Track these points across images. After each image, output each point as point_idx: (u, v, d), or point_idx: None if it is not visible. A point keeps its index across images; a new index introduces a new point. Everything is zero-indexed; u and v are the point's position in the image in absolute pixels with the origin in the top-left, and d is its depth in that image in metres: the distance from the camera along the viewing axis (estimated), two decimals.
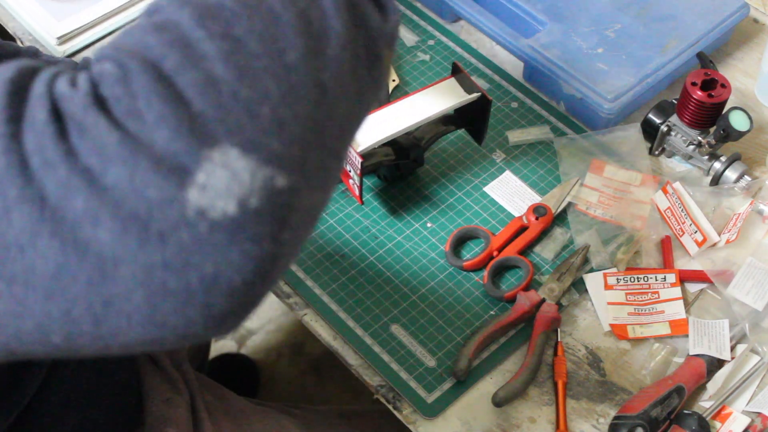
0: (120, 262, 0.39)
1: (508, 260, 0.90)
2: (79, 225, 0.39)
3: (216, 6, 0.44)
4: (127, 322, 0.41)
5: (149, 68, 0.41)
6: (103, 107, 0.40)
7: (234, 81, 0.42)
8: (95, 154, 0.39)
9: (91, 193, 0.39)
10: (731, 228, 0.91)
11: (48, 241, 0.39)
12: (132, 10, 1.13)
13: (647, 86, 0.99)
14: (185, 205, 0.39)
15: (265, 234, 0.41)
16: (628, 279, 0.88)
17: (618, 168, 0.96)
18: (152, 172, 0.39)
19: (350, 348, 0.85)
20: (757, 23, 1.13)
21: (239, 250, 0.40)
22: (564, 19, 1.04)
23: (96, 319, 0.40)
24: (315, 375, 1.65)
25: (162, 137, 0.40)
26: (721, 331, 0.84)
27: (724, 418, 0.79)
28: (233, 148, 0.40)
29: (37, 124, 0.40)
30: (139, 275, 0.39)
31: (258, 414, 0.95)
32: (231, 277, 0.41)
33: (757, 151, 1.00)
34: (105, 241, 0.39)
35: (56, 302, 0.40)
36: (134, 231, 0.39)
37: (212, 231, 0.40)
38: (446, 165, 0.99)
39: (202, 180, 0.40)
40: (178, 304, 0.40)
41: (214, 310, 0.41)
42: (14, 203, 0.39)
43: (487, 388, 0.82)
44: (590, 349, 0.85)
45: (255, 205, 0.40)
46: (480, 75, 1.07)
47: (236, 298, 0.41)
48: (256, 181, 0.41)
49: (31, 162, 0.40)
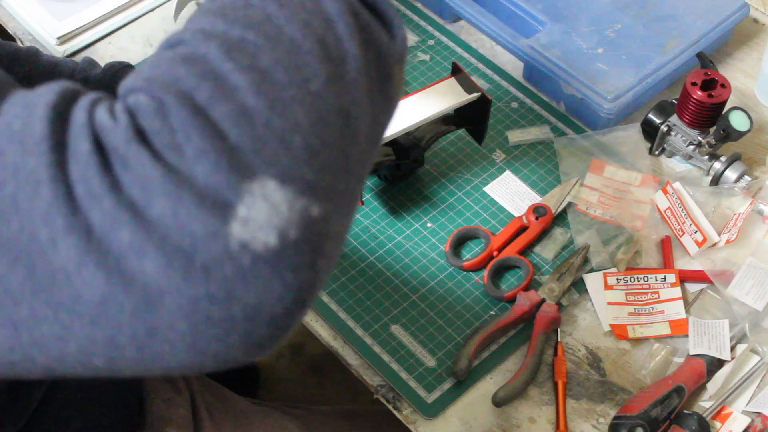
0: (165, 293, 0.40)
1: (508, 260, 0.90)
2: (125, 257, 0.39)
3: (239, 39, 0.44)
4: (170, 349, 0.41)
5: (184, 101, 0.42)
6: (144, 140, 0.41)
7: (266, 112, 0.42)
8: (139, 188, 0.40)
9: (137, 226, 0.39)
10: (731, 228, 0.91)
11: (94, 271, 0.39)
12: (132, 10, 1.13)
13: (647, 86, 0.99)
14: (228, 239, 0.40)
15: (304, 263, 0.42)
16: (628, 279, 0.88)
17: (618, 168, 0.96)
18: (195, 206, 0.40)
19: (350, 348, 0.85)
20: (757, 23, 1.13)
21: (281, 280, 0.41)
22: (564, 19, 1.04)
23: (139, 346, 0.41)
24: (315, 375, 1.65)
25: (202, 171, 0.40)
26: (721, 331, 0.84)
27: (724, 418, 0.79)
28: (271, 179, 0.41)
29: (81, 156, 0.40)
30: (183, 306, 0.40)
31: (258, 414, 0.96)
32: (272, 306, 0.41)
33: (757, 151, 1.00)
34: (150, 273, 0.39)
35: (101, 329, 0.40)
36: (179, 264, 0.40)
37: (255, 263, 0.40)
38: (446, 165, 0.99)
39: (244, 214, 0.40)
40: (220, 333, 0.41)
41: (254, 338, 0.42)
42: (61, 233, 0.39)
43: (487, 388, 0.82)
44: (590, 349, 0.85)
45: (294, 235, 0.41)
46: (480, 75, 1.07)
47: (276, 326, 0.42)
48: (294, 212, 0.41)
49: (76, 192, 0.40)
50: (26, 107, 0.42)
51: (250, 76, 0.43)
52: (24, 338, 0.41)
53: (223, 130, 0.41)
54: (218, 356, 0.42)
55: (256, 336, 0.42)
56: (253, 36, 0.45)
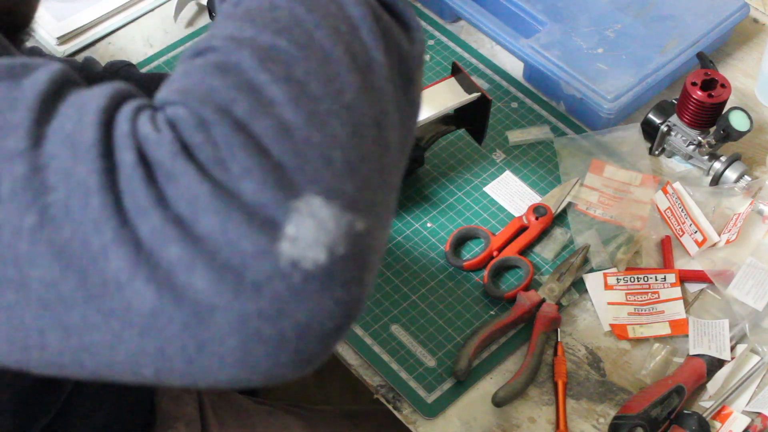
0: (215, 309, 0.39)
1: (508, 260, 0.90)
2: (175, 271, 0.39)
3: (272, 47, 0.44)
4: (219, 363, 0.41)
5: (224, 115, 0.41)
6: (190, 155, 0.40)
7: (305, 127, 0.42)
8: (186, 203, 0.40)
9: (186, 242, 0.39)
10: (731, 228, 0.91)
11: (144, 284, 0.39)
12: (132, 10, 1.13)
13: (647, 86, 0.99)
14: (278, 257, 0.40)
15: (353, 279, 0.42)
16: (628, 279, 0.88)
17: (618, 168, 0.96)
18: (245, 225, 0.39)
19: (350, 348, 0.85)
20: (757, 23, 1.13)
21: (331, 297, 0.41)
22: (564, 19, 1.04)
23: (189, 359, 0.41)
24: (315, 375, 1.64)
25: (249, 189, 0.40)
26: (721, 331, 0.84)
27: (724, 418, 0.79)
28: (316, 197, 0.41)
29: (126, 167, 0.40)
30: (234, 322, 0.40)
31: (262, 413, 0.96)
32: (323, 323, 0.41)
33: (757, 151, 1.00)
34: (200, 289, 0.39)
35: (151, 340, 0.40)
36: (229, 281, 0.39)
37: (306, 281, 0.40)
38: (446, 165, 0.99)
39: (292, 232, 0.40)
40: (271, 350, 0.41)
41: (304, 354, 0.42)
42: (111, 244, 0.39)
43: (487, 388, 0.82)
44: (590, 349, 0.85)
45: (342, 252, 0.41)
46: (480, 75, 1.07)
47: (326, 342, 0.42)
48: (340, 228, 0.41)
49: (124, 203, 0.40)
50: (79, 109, 0.42)
51: (286, 88, 0.42)
52: (74, 343, 0.41)
53: (266, 146, 0.41)
54: (267, 372, 0.42)
55: (306, 353, 0.42)
56: (285, 43, 0.44)
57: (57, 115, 0.42)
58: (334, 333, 0.42)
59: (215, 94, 0.42)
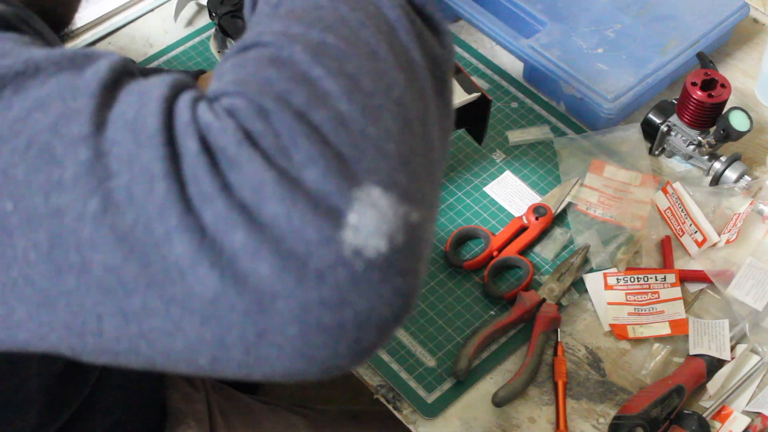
0: (277, 296, 0.40)
1: (508, 260, 0.90)
2: (238, 258, 0.39)
3: (322, 42, 0.44)
4: (277, 353, 0.41)
5: (283, 104, 0.42)
6: (254, 143, 0.41)
7: (360, 119, 0.42)
8: (251, 190, 0.40)
9: (251, 228, 0.39)
10: (731, 228, 0.91)
11: (208, 270, 0.39)
12: (132, 10, 1.13)
13: (647, 86, 0.99)
14: (342, 245, 0.40)
15: (411, 268, 0.42)
16: (628, 279, 0.88)
17: (618, 168, 0.96)
18: (310, 212, 0.40)
19: None
20: (757, 23, 1.13)
21: (391, 286, 0.41)
22: (564, 19, 1.04)
23: (247, 348, 0.41)
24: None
25: (312, 177, 0.40)
26: (721, 331, 0.84)
27: (724, 418, 0.79)
28: (376, 187, 0.41)
29: (189, 154, 0.40)
30: (295, 310, 0.40)
31: (267, 412, 0.96)
32: (383, 312, 0.41)
33: (757, 151, 1.00)
34: (264, 276, 0.39)
35: (211, 327, 0.40)
36: (293, 268, 0.39)
37: (368, 269, 0.40)
38: (446, 165, 0.99)
39: (355, 221, 0.40)
40: (330, 339, 0.41)
41: (362, 344, 0.42)
42: (175, 230, 0.39)
43: (487, 388, 0.82)
44: (590, 349, 0.85)
45: (400, 241, 0.41)
46: (480, 75, 1.07)
47: (383, 332, 0.42)
48: (398, 218, 0.41)
49: (188, 190, 0.40)
50: (140, 97, 0.42)
51: (340, 82, 0.43)
52: (132, 330, 0.41)
53: (325, 135, 0.41)
54: (324, 363, 0.42)
55: (365, 342, 0.42)
56: (333, 40, 0.44)
57: (118, 102, 0.42)
58: (391, 323, 0.42)
59: (272, 84, 0.42)
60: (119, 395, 0.79)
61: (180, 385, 0.88)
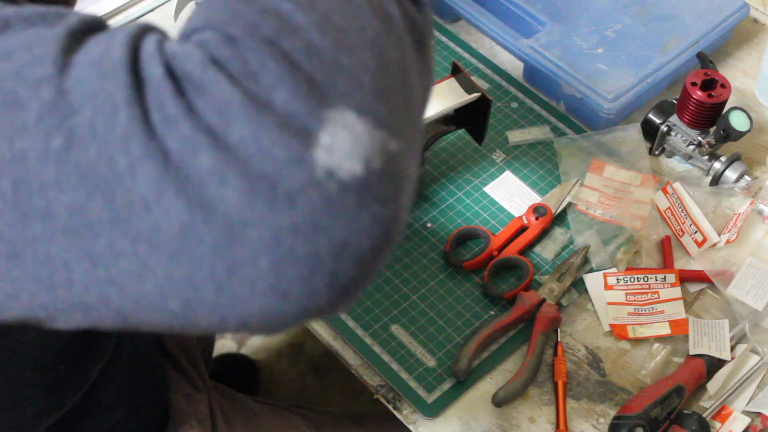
0: (247, 224, 0.38)
1: (508, 260, 0.90)
2: (205, 184, 0.38)
3: None
4: (250, 290, 0.39)
5: (252, 32, 0.41)
6: (220, 67, 0.40)
7: (333, 50, 0.42)
8: (216, 113, 0.39)
9: (217, 151, 0.38)
10: (731, 228, 0.91)
11: (174, 200, 0.38)
12: (132, 10, 1.13)
13: (647, 86, 0.99)
14: (314, 165, 0.38)
15: (390, 195, 0.41)
16: (628, 279, 0.88)
17: (618, 168, 0.96)
18: (277, 131, 0.39)
19: (350, 348, 0.85)
20: (757, 23, 1.13)
21: (368, 212, 0.40)
22: (564, 19, 1.04)
23: (218, 286, 0.39)
24: (315, 375, 1.65)
25: (281, 98, 0.39)
26: (721, 331, 0.84)
27: (724, 418, 0.79)
28: (349, 110, 0.40)
29: (154, 80, 0.39)
30: (266, 239, 0.38)
31: (268, 413, 0.96)
32: (360, 241, 0.40)
33: (757, 151, 1.00)
34: (232, 202, 0.38)
35: (180, 264, 0.39)
36: (262, 191, 0.38)
37: (342, 192, 0.39)
38: (446, 165, 0.99)
39: (327, 141, 0.39)
40: (305, 271, 0.39)
41: (340, 278, 0.40)
42: (138, 159, 0.38)
43: (487, 388, 0.82)
44: (590, 349, 0.85)
45: (378, 166, 0.40)
46: (480, 75, 1.07)
47: (362, 265, 0.40)
48: (375, 143, 0.40)
49: (152, 117, 0.39)
50: (107, 39, 0.42)
51: (311, 16, 0.42)
52: (101, 275, 0.40)
53: (296, 61, 0.40)
54: (300, 302, 0.40)
55: (342, 277, 0.40)
56: None
57: (85, 46, 0.42)
58: (370, 255, 0.40)
59: (241, 16, 0.42)
60: (121, 395, 0.79)
61: (182, 386, 0.88)
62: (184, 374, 0.89)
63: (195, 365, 0.92)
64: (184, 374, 0.89)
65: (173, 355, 0.90)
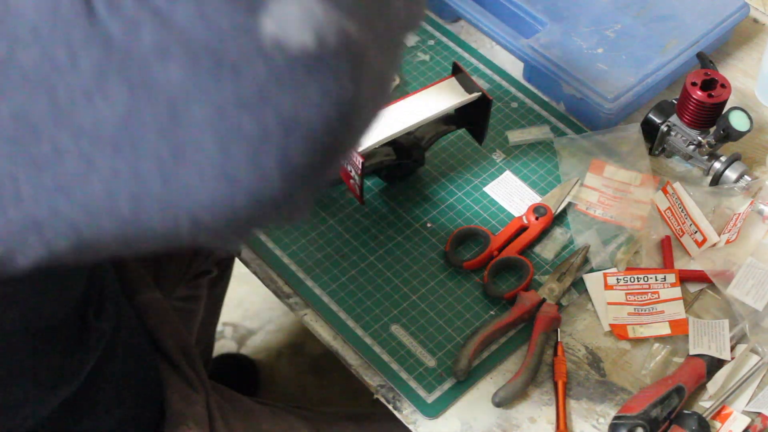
0: (191, 101, 0.37)
1: (508, 260, 0.90)
2: (148, 62, 0.37)
3: None
4: (198, 176, 0.38)
5: None
6: None
7: None
8: None
9: (159, 27, 0.37)
10: (731, 228, 0.91)
11: (116, 84, 0.37)
12: None
13: (647, 86, 0.99)
14: (260, 34, 0.37)
15: (345, 72, 0.39)
16: (628, 279, 0.88)
17: (618, 168, 0.96)
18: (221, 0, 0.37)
19: (350, 348, 0.85)
20: (757, 23, 1.13)
21: (319, 86, 0.38)
22: (564, 19, 1.04)
23: (165, 176, 0.38)
24: (315, 375, 1.65)
25: None
26: (721, 331, 0.84)
27: (724, 418, 0.79)
28: None
29: None
30: (211, 115, 0.37)
31: (267, 414, 0.96)
32: (310, 116, 0.38)
33: (757, 151, 1.00)
34: (175, 78, 0.37)
35: (124, 156, 0.38)
36: (206, 64, 0.37)
37: (291, 65, 0.37)
38: (446, 165, 0.99)
39: (275, 9, 0.38)
40: (253, 150, 0.38)
41: (291, 159, 0.39)
42: (80, 46, 0.37)
43: (487, 388, 0.82)
44: (590, 349, 0.85)
45: (333, 43, 0.38)
46: (480, 75, 1.07)
47: (315, 146, 0.39)
48: (330, 19, 0.38)
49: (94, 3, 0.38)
50: None
51: None
52: (48, 182, 0.39)
53: None
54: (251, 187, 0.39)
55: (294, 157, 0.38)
56: None
57: None
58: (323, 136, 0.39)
59: None
60: (117, 394, 0.79)
61: (179, 387, 0.88)
62: (181, 375, 0.89)
63: (193, 366, 0.92)
64: (181, 375, 0.89)
65: (170, 354, 0.90)
